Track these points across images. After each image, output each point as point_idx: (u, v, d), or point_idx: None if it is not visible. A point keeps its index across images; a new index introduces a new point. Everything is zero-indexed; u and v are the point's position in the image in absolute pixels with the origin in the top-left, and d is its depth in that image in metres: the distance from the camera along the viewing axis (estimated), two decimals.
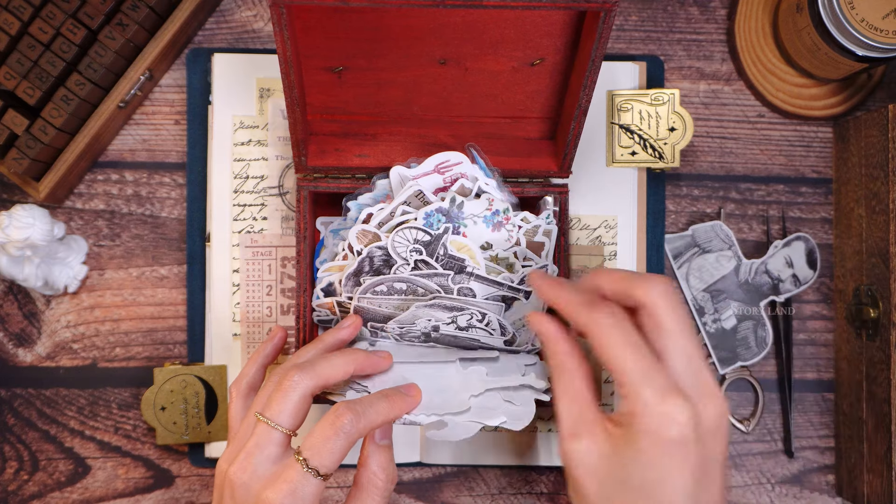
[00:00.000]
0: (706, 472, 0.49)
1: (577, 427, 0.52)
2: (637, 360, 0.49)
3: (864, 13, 0.66)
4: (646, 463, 0.49)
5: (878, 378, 0.70)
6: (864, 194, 0.72)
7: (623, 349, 0.50)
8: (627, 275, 0.54)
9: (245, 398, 0.61)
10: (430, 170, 0.65)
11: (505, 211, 0.63)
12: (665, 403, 0.48)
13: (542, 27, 0.61)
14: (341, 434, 0.52)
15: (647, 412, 0.48)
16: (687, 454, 0.48)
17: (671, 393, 0.48)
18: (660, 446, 0.48)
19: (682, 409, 0.48)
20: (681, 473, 0.48)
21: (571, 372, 0.53)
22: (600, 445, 0.50)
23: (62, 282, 0.73)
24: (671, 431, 0.48)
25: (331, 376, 0.56)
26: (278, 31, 0.55)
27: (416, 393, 0.58)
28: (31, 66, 0.68)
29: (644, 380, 0.49)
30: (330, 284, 0.65)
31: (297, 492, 0.51)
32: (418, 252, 0.61)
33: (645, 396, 0.48)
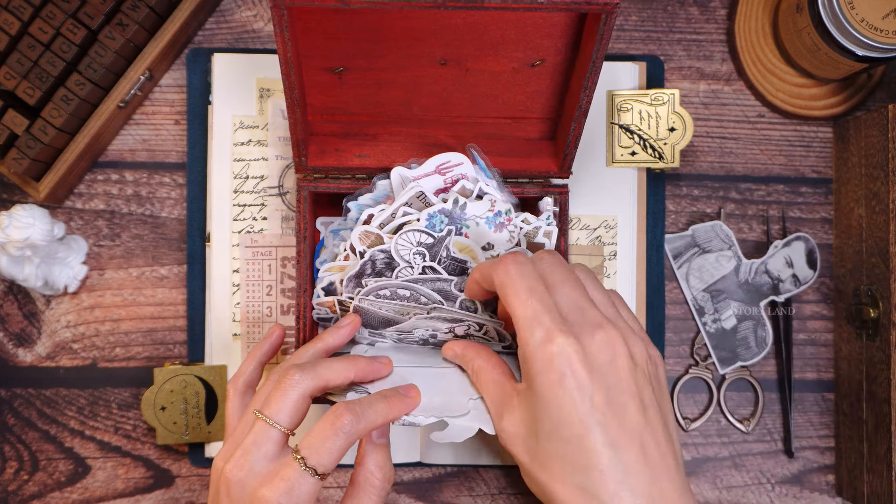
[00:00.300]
0: (610, 399, 0.50)
1: (500, 408, 0.54)
2: (529, 304, 0.52)
3: (864, 13, 0.66)
4: (546, 403, 0.50)
5: (878, 378, 0.70)
6: (864, 194, 0.72)
7: (518, 292, 0.52)
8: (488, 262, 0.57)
9: (242, 396, 0.61)
10: (431, 171, 0.65)
11: (507, 212, 0.63)
12: (549, 343, 0.50)
13: (542, 28, 0.61)
14: (340, 434, 0.52)
15: (536, 355, 0.51)
16: (580, 385, 0.50)
17: (555, 331, 0.50)
18: (553, 384, 0.50)
19: (567, 345, 0.50)
20: (579, 404, 0.50)
21: (483, 368, 0.57)
22: (516, 411, 0.53)
23: (62, 282, 0.73)
24: (559, 367, 0.50)
25: (331, 379, 0.56)
26: (279, 32, 0.55)
27: (416, 394, 0.58)
28: (31, 66, 0.68)
29: (532, 323, 0.51)
30: (331, 284, 0.65)
31: (293, 490, 0.51)
32: (422, 255, 0.61)
33: (533, 339, 0.51)
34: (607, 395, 0.50)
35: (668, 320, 0.76)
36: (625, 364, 0.52)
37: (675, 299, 0.76)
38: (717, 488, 0.76)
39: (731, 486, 0.76)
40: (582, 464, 0.50)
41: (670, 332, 0.76)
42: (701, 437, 0.76)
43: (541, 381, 0.51)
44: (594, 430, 0.50)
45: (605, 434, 0.50)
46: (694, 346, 0.76)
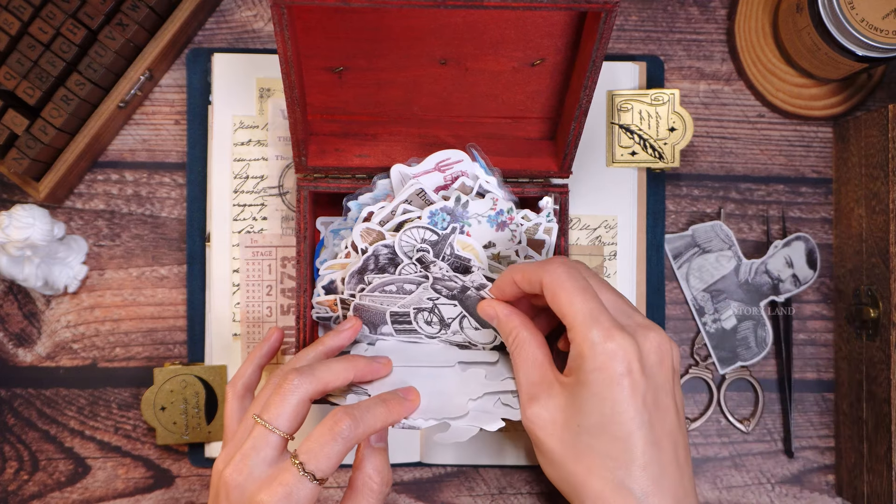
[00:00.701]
0: (657, 400, 0.52)
1: (534, 389, 0.55)
2: (584, 303, 0.52)
3: (864, 13, 0.66)
4: (599, 399, 0.51)
5: (878, 378, 0.70)
6: (864, 194, 0.72)
7: (571, 294, 0.53)
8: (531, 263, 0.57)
9: (241, 399, 0.61)
10: (431, 168, 0.65)
11: (509, 210, 0.63)
12: (610, 340, 0.51)
13: (542, 27, 0.61)
14: (339, 439, 0.52)
15: (595, 351, 0.51)
16: (635, 385, 0.51)
17: (615, 330, 0.52)
18: (609, 381, 0.51)
19: (627, 343, 0.51)
20: (633, 403, 0.51)
21: (526, 341, 0.56)
22: (556, 399, 0.53)
23: (62, 282, 0.73)
24: (618, 365, 0.51)
25: (330, 381, 0.56)
26: (279, 31, 0.55)
27: (415, 397, 0.58)
28: (31, 66, 0.68)
29: (590, 321, 0.52)
30: (332, 282, 0.65)
31: (291, 495, 0.51)
32: (426, 251, 0.61)
33: (592, 336, 0.51)
34: (655, 395, 0.52)
35: (668, 320, 0.76)
36: (669, 367, 0.54)
37: (675, 299, 0.76)
38: (717, 488, 0.76)
39: (731, 486, 0.76)
40: (625, 460, 0.51)
41: (670, 332, 0.76)
42: (701, 437, 0.76)
43: (597, 377, 0.51)
44: (643, 429, 0.51)
45: (651, 433, 0.51)
46: (694, 346, 0.76)
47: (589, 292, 0.53)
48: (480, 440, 0.73)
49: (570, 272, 0.54)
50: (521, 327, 0.57)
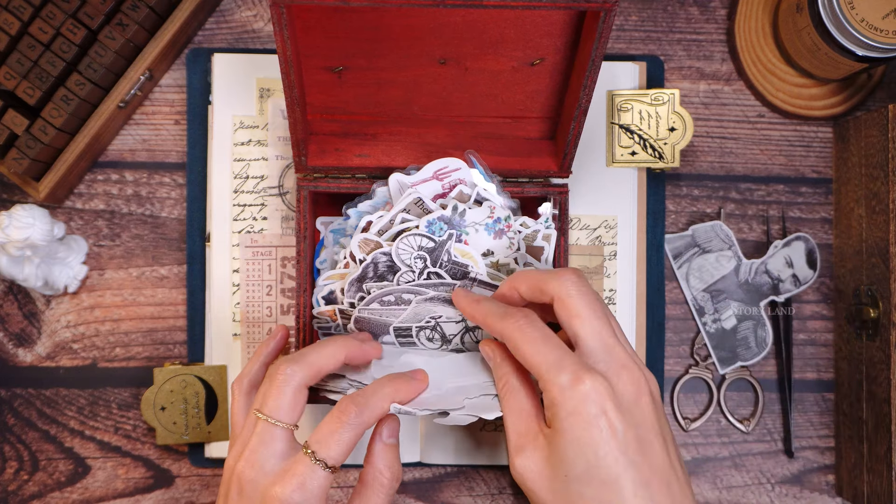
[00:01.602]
0: (639, 438, 0.50)
1: (521, 441, 0.53)
2: (549, 351, 0.51)
3: (864, 13, 0.66)
4: (579, 446, 0.50)
5: (878, 378, 0.70)
6: (864, 194, 0.72)
7: (534, 344, 0.52)
8: (540, 273, 0.56)
9: (247, 396, 0.61)
10: (429, 176, 0.65)
11: (507, 218, 0.63)
12: (580, 383, 0.50)
13: (542, 27, 0.61)
14: (346, 426, 0.53)
15: (565, 396, 0.50)
16: (612, 425, 0.50)
17: (583, 372, 0.50)
18: (586, 424, 0.50)
19: (598, 383, 0.50)
20: (614, 444, 0.49)
21: (515, 390, 0.55)
22: (541, 451, 0.52)
23: (62, 282, 0.73)
24: (591, 408, 0.49)
25: (322, 366, 0.56)
26: (278, 31, 0.55)
27: (423, 377, 0.58)
28: (31, 66, 0.68)
29: (557, 367, 0.50)
30: (331, 293, 0.65)
31: (305, 484, 0.52)
32: (423, 259, 0.61)
33: (560, 382, 0.50)
34: (637, 434, 0.50)
35: (668, 320, 0.76)
36: (648, 402, 0.52)
37: (675, 299, 0.76)
38: (717, 488, 0.76)
39: (731, 486, 0.76)
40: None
41: (670, 332, 0.76)
42: (701, 437, 0.76)
43: (572, 422, 0.50)
44: (629, 471, 0.49)
45: (638, 474, 0.50)
46: (694, 346, 0.76)
47: (551, 340, 0.52)
48: (480, 440, 0.73)
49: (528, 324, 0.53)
50: (512, 374, 0.55)
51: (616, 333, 0.54)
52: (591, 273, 0.74)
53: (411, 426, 0.73)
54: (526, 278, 0.56)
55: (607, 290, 0.74)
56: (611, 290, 0.74)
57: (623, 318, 0.74)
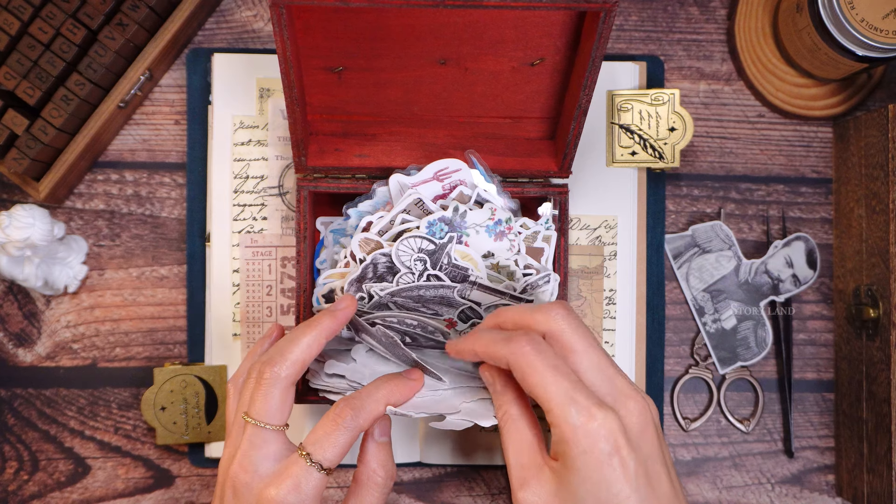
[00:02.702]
0: (648, 471, 0.50)
1: (524, 473, 0.52)
2: (558, 384, 0.50)
3: (864, 13, 0.66)
4: (592, 484, 0.49)
5: (878, 378, 0.70)
6: (864, 194, 0.72)
7: (543, 374, 0.50)
8: (525, 309, 0.54)
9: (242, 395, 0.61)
10: (429, 177, 0.65)
11: (507, 220, 0.63)
12: (592, 420, 0.49)
13: (542, 27, 0.61)
14: (342, 429, 0.52)
15: (577, 434, 0.49)
16: (625, 462, 0.49)
17: (595, 409, 0.49)
18: (598, 463, 0.49)
19: (609, 420, 0.49)
20: (626, 481, 0.49)
21: (516, 420, 0.53)
22: (547, 486, 0.51)
23: (62, 282, 0.73)
24: (605, 445, 0.48)
25: (304, 357, 0.56)
26: (278, 31, 0.55)
27: (419, 377, 0.58)
28: (31, 66, 0.68)
29: (568, 402, 0.49)
30: (331, 291, 0.65)
31: (300, 486, 0.52)
32: (423, 262, 0.61)
33: (572, 419, 0.49)
34: (645, 466, 0.50)
35: (668, 320, 0.76)
36: (653, 432, 0.51)
37: (675, 299, 0.76)
38: (717, 488, 0.76)
39: (731, 486, 0.76)
40: None
41: (670, 332, 0.76)
42: (701, 437, 0.76)
43: (585, 461, 0.49)
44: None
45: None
46: (694, 346, 0.76)
47: (561, 370, 0.50)
48: (479, 440, 0.73)
49: (536, 350, 0.51)
50: (512, 404, 0.54)
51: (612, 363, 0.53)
52: (591, 273, 0.74)
53: (411, 427, 0.73)
54: (511, 316, 0.55)
55: (607, 290, 0.74)
56: (611, 290, 0.74)
57: (623, 318, 0.74)
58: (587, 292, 0.74)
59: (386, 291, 0.62)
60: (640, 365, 0.74)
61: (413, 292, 0.62)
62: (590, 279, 0.74)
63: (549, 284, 0.63)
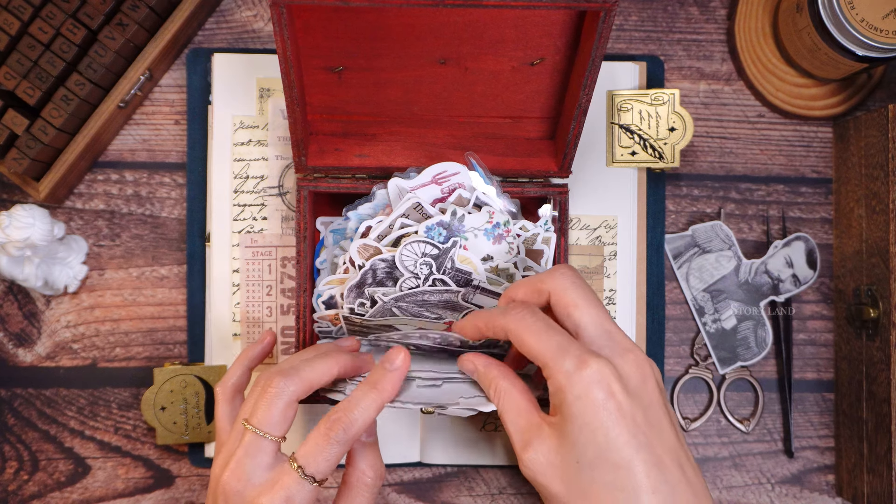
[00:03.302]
0: (649, 419, 0.50)
1: (526, 436, 0.52)
2: (551, 338, 0.51)
3: (864, 13, 0.66)
4: (590, 430, 0.49)
5: (878, 378, 0.70)
6: (864, 194, 0.72)
7: (538, 334, 0.52)
8: (533, 276, 0.56)
9: (231, 401, 0.61)
10: (428, 181, 0.65)
11: (506, 223, 0.63)
12: (585, 367, 0.50)
13: (542, 27, 0.61)
14: (334, 443, 0.52)
15: (571, 381, 0.50)
16: (621, 407, 0.49)
17: (588, 356, 0.50)
18: (594, 408, 0.49)
19: (603, 366, 0.50)
20: (624, 426, 0.49)
21: (508, 390, 0.55)
22: (548, 441, 0.51)
23: (62, 282, 0.73)
24: (598, 391, 0.49)
25: (315, 381, 0.56)
26: (278, 31, 0.55)
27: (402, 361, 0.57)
28: (31, 66, 0.68)
29: (561, 353, 0.51)
30: (331, 298, 0.65)
31: (292, 498, 0.52)
32: (428, 266, 0.61)
33: (565, 367, 0.50)
34: (646, 414, 0.50)
35: (668, 320, 0.76)
36: (654, 385, 0.52)
37: (675, 299, 0.76)
38: (717, 488, 0.76)
39: (731, 486, 0.76)
40: (632, 488, 0.49)
41: (670, 332, 0.76)
42: (701, 437, 0.76)
43: (580, 406, 0.49)
44: (642, 452, 0.49)
45: (650, 455, 0.49)
46: (694, 346, 0.76)
47: (552, 329, 0.52)
48: (480, 440, 0.73)
49: (530, 313, 0.53)
50: (501, 377, 0.55)
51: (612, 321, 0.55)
52: (591, 273, 0.74)
53: (411, 427, 0.73)
54: (522, 284, 0.56)
55: (607, 290, 0.74)
56: (611, 290, 0.74)
57: (623, 318, 0.74)
58: None
59: (390, 297, 0.62)
60: None
61: (417, 297, 0.62)
62: (590, 279, 0.74)
63: None
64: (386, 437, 0.73)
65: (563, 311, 0.54)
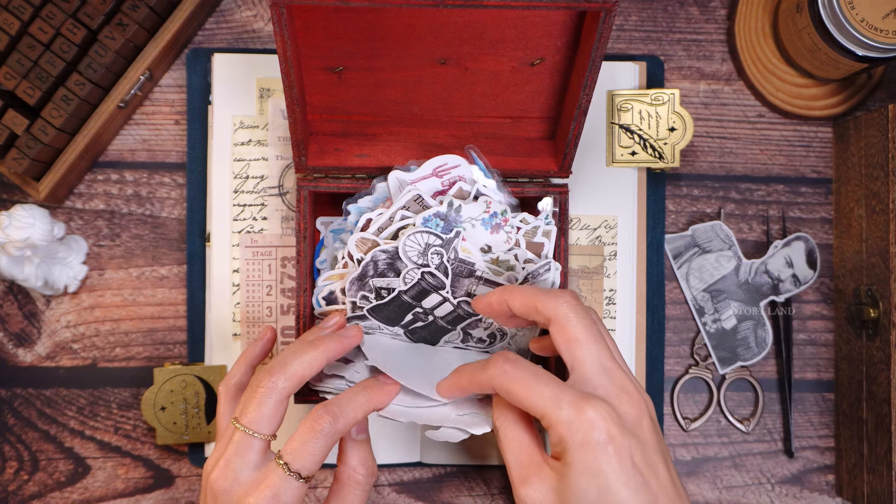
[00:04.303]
0: (646, 459, 0.50)
1: (525, 472, 0.52)
2: (543, 390, 0.51)
3: (864, 13, 0.66)
4: (591, 475, 0.49)
5: (878, 378, 0.70)
6: (864, 194, 0.72)
7: (528, 387, 0.51)
8: (535, 291, 0.55)
9: (233, 399, 0.61)
10: (429, 173, 0.65)
11: (503, 213, 0.63)
12: (583, 413, 0.49)
13: (542, 27, 0.61)
14: (320, 437, 0.52)
15: (572, 429, 0.49)
16: (620, 449, 0.49)
17: (584, 401, 0.50)
18: (595, 453, 0.49)
19: (601, 408, 0.50)
20: (622, 469, 0.49)
21: (513, 423, 0.54)
22: (548, 482, 0.51)
23: (62, 282, 0.73)
24: (598, 435, 0.49)
25: (305, 374, 0.56)
26: (278, 31, 0.55)
27: (394, 382, 0.58)
28: (31, 66, 0.68)
29: (556, 403, 0.50)
30: (331, 293, 0.65)
31: (279, 496, 0.52)
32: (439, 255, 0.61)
33: (564, 416, 0.49)
34: (643, 455, 0.50)
35: (668, 320, 0.76)
36: (649, 424, 0.52)
37: (675, 299, 0.76)
38: (717, 488, 0.76)
39: (731, 486, 0.76)
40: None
41: (670, 332, 0.76)
42: (701, 437, 0.76)
43: (583, 453, 0.49)
44: (640, 493, 0.49)
45: (648, 494, 0.50)
46: (694, 346, 0.76)
47: (542, 376, 0.51)
48: (480, 440, 0.73)
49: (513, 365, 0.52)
50: (507, 407, 0.55)
51: (615, 356, 0.54)
52: (591, 273, 0.74)
53: (411, 427, 0.73)
54: (520, 295, 0.55)
55: (607, 290, 0.74)
56: (611, 290, 0.74)
57: (623, 318, 0.74)
58: (587, 292, 0.74)
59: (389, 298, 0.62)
60: (640, 365, 0.74)
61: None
62: (590, 279, 0.74)
63: (550, 273, 0.63)
64: (386, 438, 0.73)
65: (563, 343, 0.53)
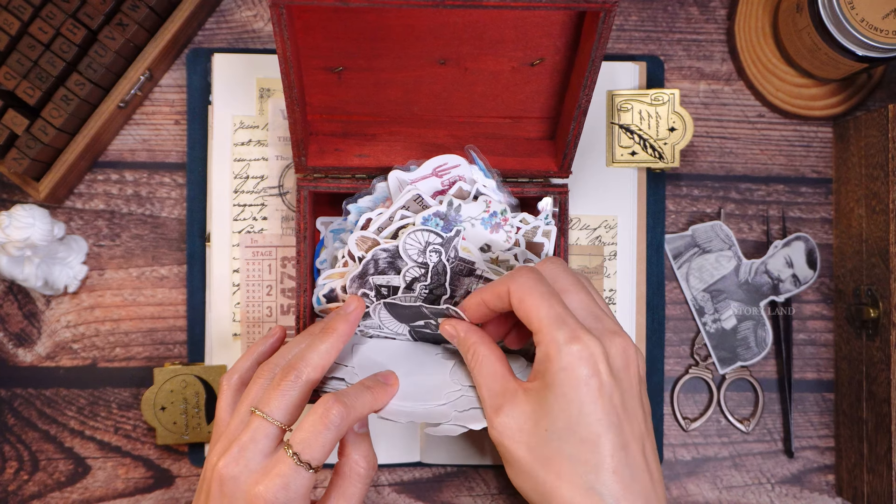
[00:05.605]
0: (625, 403, 0.52)
1: (498, 400, 0.54)
2: (552, 306, 0.53)
3: (864, 13, 0.66)
4: (566, 401, 0.51)
5: (878, 378, 0.70)
6: (864, 194, 0.72)
7: (541, 298, 0.53)
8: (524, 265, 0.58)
9: (236, 393, 0.61)
10: (429, 173, 0.65)
11: (503, 212, 0.63)
12: (576, 342, 0.51)
13: (541, 27, 0.61)
14: (332, 427, 0.52)
15: (561, 351, 0.51)
16: (602, 386, 0.51)
17: (581, 332, 0.52)
18: (576, 381, 0.51)
19: (593, 344, 0.51)
20: (601, 404, 0.51)
21: (485, 356, 0.56)
22: (521, 406, 0.53)
23: (62, 282, 0.73)
24: (585, 366, 0.51)
25: (324, 365, 0.56)
26: (278, 31, 0.55)
27: (394, 381, 0.59)
28: (31, 66, 0.68)
29: (556, 323, 0.52)
30: (331, 291, 0.65)
31: (289, 485, 0.52)
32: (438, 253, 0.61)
33: (558, 337, 0.51)
34: (623, 398, 0.52)
35: (668, 320, 0.76)
36: (635, 372, 0.53)
37: (675, 299, 0.76)
38: (717, 488, 0.76)
39: (731, 486, 0.76)
40: (594, 463, 0.50)
41: (670, 332, 0.76)
42: (701, 437, 0.76)
43: (563, 377, 0.51)
44: (611, 431, 0.51)
45: (620, 436, 0.51)
46: (694, 346, 0.76)
47: (554, 298, 0.53)
48: (480, 440, 0.73)
49: (536, 279, 0.54)
50: (479, 343, 0.57)
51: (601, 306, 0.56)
52: (591, 273, 0.74)
53: (411, 426, 0.73)
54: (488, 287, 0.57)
55: (607, 290, 0.74)
56: (611, 290, 0.74)
57: (623, 318, 0.74)
58: None
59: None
60: None
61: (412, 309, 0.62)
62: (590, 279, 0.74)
63: None
64: (386, 438, 0.73)
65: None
